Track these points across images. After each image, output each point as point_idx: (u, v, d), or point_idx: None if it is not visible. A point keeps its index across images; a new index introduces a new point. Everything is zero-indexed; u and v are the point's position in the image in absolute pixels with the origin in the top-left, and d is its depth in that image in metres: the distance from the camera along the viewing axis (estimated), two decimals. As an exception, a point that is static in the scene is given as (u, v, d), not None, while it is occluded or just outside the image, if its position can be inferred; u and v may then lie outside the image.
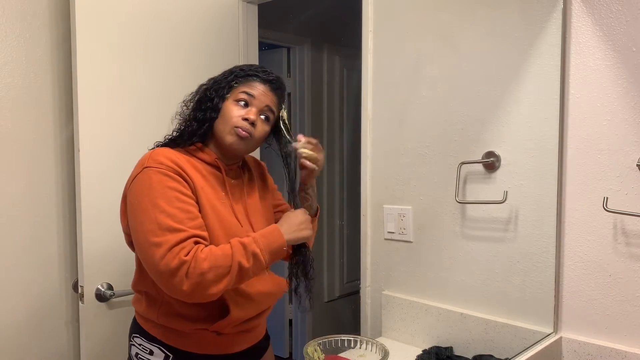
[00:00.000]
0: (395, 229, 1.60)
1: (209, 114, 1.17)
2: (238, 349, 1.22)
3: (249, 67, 1.21)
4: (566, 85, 1.39)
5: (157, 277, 1.04)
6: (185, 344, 1.16)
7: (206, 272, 1.01)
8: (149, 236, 1.03)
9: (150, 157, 1.10)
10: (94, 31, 1.48)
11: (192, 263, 1.01)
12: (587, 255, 1.37)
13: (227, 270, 1.04)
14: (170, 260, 1.00)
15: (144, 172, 1.08)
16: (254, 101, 1.16)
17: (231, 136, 1.14)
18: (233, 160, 1.23)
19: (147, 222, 1.04)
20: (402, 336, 1.60)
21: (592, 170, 1.35)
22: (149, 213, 1.04)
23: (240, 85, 1.18)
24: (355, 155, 1.69)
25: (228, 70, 1.22)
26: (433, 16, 1.55)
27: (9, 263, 1.49)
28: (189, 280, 1.01)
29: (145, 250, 1.04)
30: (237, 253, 1.05)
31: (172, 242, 1.02)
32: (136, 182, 1.09)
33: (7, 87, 1.47)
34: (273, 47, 3.05)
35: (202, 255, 1.02)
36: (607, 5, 1.31)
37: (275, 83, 1.20)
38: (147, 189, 1.06)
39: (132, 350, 1.21)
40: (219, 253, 1.04)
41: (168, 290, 1.04)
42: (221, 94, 1.18)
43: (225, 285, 1.04)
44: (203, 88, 1.22)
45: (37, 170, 1.53)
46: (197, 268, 1.01)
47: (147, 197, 1.05)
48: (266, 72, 1.20)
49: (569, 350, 1.40)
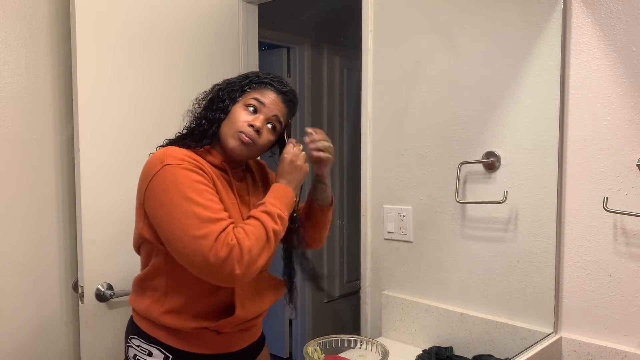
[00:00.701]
0: (395, 229, 1.60)
1: (218, 114, 1.17)
2: (236, 348, 1.23)
3: (265, 75, 1.21)
4: (566, 85, 1.39)
5: (206, 269, 1.03)
6: (185, 343, 1.16)
7: (251, 247, 1.04)
8: (191, 230, 1.02)
9: (167, 154, 1.09)
10: (94, 31, 1.48)
11: (238, 246, 1.03)
12: (587, 255, 1.37)
13: (265, 239, 1.07)
14: (220, 250, 1.01)
15: (165, 170, 1.06)
16: (264, 109, 1.16)
17: (234, 140, 1.14)
18: (238, 164, 1.23)
19: (184, 217, 1.03)
20: (402, 336, 1.60)
21: (592, 170, 1.35)
22: (183, 208, 1.03)
23: (252, 91, 1.18)
24: (355, 155, 1.69)
25: (244, 74, 1.22)
26: (433, 16, 1.55)
27: (9, 263, 1.49)
28: (240, 263, 1.02)
29: (187, 245, 1.03)
30: (266, 221, 1.08)
31: (217, 231, 1.02)
32: (158, 179, 1.07)
33: (7, 87, 1.47)
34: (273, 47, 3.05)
35: (241, 235, 1.04)
36: (607, 5, 1.31)
37: (288, 95, 1.20)
38: (174, 184, 1.05)
39: (130, 352, 1.20)
40: (252, 228, 1.06)
41: (219, 278, 1.04)
42: (233, 96, 1.18)
43: (269, 253, 1.08)
44: (217, 88, 1.22)
45: (37, 170, 1.53)
46: (244, 247, 1.03)
47: (177, 193, 1.04)
48: (282, 83, 1.20)
49: (569, 350, 1.40)
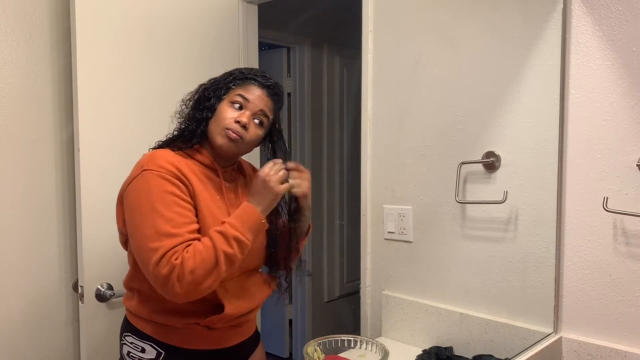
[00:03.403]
0: (395, 229, 1.60)
1: (205, 113, 1.18)
2: (229, 344, 1.24)
3: (248, 71, 1.22)
4: (566, 85, 1.39)
5: (153, 282, 1.06)
6: (177, 339, 1.17)
7: (194, 269, 1.03)
8: (147, 241, 1.04)
9: (150, 159, 1.10)
10: (94, 31, 1.48)
11: (180, 266, 1.02)
12: (587, 255, 1.37)
13: (214, 262, 1.04)
14: (163, 267, 1.02)
15: (142, 175, 1.08)
16: (249, 104, 1.17)
17: (221, 137, 1.15)
18: (228, 163, 1.24)
19: (145, 227, 1.05)
20: (402, 336, 1.60)
21: (592, 170, 1.35)
22: (147, 217, 1.05)
23: (237, 88, 1.19)
24: (355, 155, 1.69)
25: (228, 72, 1.23)
26: (433, 16, 1.55)
27: (9, 263, 1.49)
28: (180, 282, 1.02)
29: (142, 254, 1.06)
30: (218, 243, 1.06)
31: (167, 247, 1.03)
32: (134, 184, 1.09)
33: (7, 87, 1.47)
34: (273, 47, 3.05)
35: (188, 255, 1.03)
36: (607, 5, 1.31)
37: (272, 88, 1.21)
38: (146, 192, 1.07)
39: (124, 349, 1.21)
40: (201, 248, 1.05)
41: (164, 294, 1.06)
42: (218, 94, 1.19)
43: (217, 276, 1.06)
44: (202, 88, 1.23)
45: (37, 170, 1.53)
46: (185, 268, 1.02)
47: (146, 201, 1.06)
48: (265, 77, 1.21)
49: (569, 350, 1.40)
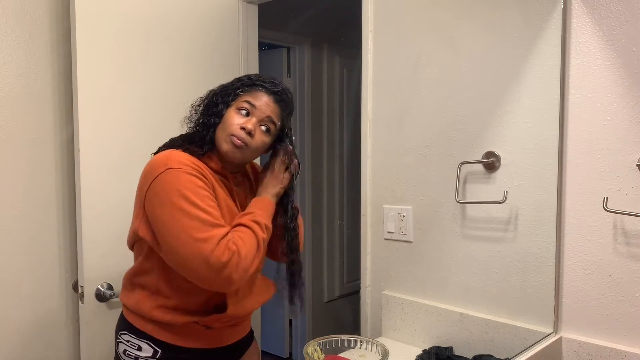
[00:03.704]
0: (395, 229, 1.60)
1: (212, 119, 1.18)
2: (226, 343, 1.25)
3: (257, 77, 1.22)
4: (566, 85, 1.39)
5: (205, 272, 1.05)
6: (174, 337, 1.17)
7: (247, 254, 1.08)
8: (193, 232, 1.04)
9: (171, 158, 1.10)
10: (94, 31, 1.48)
11: (238, 251, 1.06)
12: (587, 255, 1.37)
13: (257, 246, 1.11)
14: (222, 254, 1.04)
15: (168, 173, 1.08)
16: (256, 111, 1.17)
17: (227, 144, 1.15)
18: (237, 169, 1.25)
19: (187, 219, 1.05)
20: (402, 336, 1.60)
21: (592, 170, 1.35)
22: (186, 210, 1.05)
23: (244, 94, 1.18)
24: (355, 155, 1.69)
25: (237, 78, 1.23)
26: (433, 16, 1.55)
27: (9, 263, 1.49)
28: (237, 268, 1.06)
29: (188, 247, 1.04)
30: (257, 230, 1.12)
31: (219, 236, 1.06)
32: (161, 181, 1.08)
33: (7, 87, 1.47)
34: (273, 47, 3.05)
35: (240, 242, 1.08)
36: (607, 5, 1.31)
37: (280, 94, 1.20)
38: (178, 187, 1.07)
39: (120, 348, 1.22)
40: (246, 236, 1.10)
41: (215, 282, 1.07)
42: (226, 100, 1.19)
43: (258, 260, 1.12)
44: (212, 93, 1.23)
45: (37, 170, 1.53)
46: (242, 254, 1.07)
47: (180, 195, 1.06)
48: (273, 83, 1.21)
49: (569, 350, 1.40)
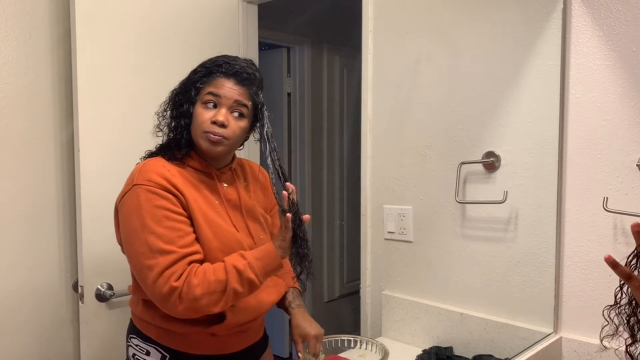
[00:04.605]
0: (395, 229, 1.60)
1: (183, 121, 1.13)
2: (234, 350, 1.21)
3: (211, 63, 1.14)
4: (566, 85, 1.39)
5: (151, 298, 1.06)
6: (181, 344, 1.16)
7: (199, 298, 1.02)
8: (141, 258, 1.03)
9: (140, 172, 1.08)
10: (94, 31, 1.47)
11: (184, 289, 1.01)
12: (587, 255, 1.37)
13: (220, 296, 1.03)
14: (162, 286, 1.01)
15: (132, 190, 1.07)
16: (222, 100, 1.10)
17: (204, 141, 1.11)
18: (223, 163, 1.20)
19: (138, 244, 1.04)
20: (402, 336, 1.60)
21: (592, 170, 1.35)
22: (138, 234, 1.04)
23: (205, 86, 1.12)
24: (355, 155, 1.69)
25: (193, 70, 1.16)
26: (433, 16, 1.55)
27: (8, 263, 1.48)
28: (182, 303, 1.02)
29: (138, 271, 1.06)
30: (231, 279, 1.03)
31: (163, 265, 1.02)
32: (126, 200, 1.08)
33: (7, 87, 1.47)
34: (273, 47, 3.05)
35: (195, 281, 1.02)
36: (607, 5, 1.31)
37: (240, 74, 1.12)
38: (136, 208, 1.05)
39: (129, 351, 1.21)
40: (212, 279, 1.03)
41: (163, 310, 1.05)
42: (189, 97, 1.13)
43: (221, 308, 1.05)
44: (173, 94, 1.18)
45: (37, 170, 1.53)
46: (189, 294, 1.01)
47: (136, 217, 1.05)
48: (229, 63, 1.12)
49: (569, 350, 1.40)
